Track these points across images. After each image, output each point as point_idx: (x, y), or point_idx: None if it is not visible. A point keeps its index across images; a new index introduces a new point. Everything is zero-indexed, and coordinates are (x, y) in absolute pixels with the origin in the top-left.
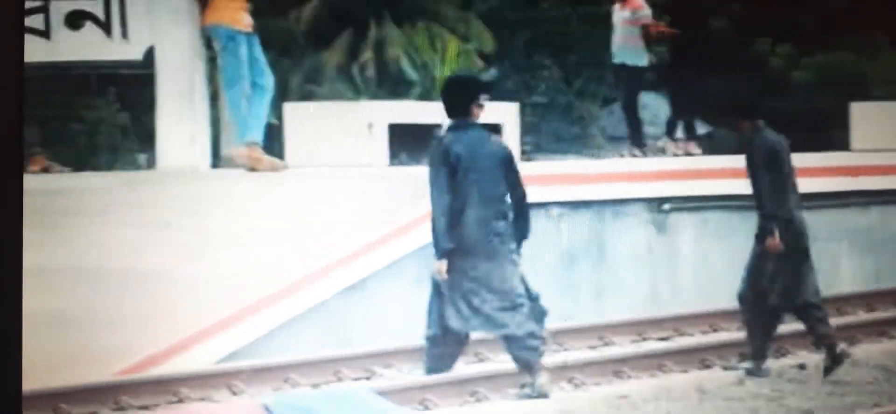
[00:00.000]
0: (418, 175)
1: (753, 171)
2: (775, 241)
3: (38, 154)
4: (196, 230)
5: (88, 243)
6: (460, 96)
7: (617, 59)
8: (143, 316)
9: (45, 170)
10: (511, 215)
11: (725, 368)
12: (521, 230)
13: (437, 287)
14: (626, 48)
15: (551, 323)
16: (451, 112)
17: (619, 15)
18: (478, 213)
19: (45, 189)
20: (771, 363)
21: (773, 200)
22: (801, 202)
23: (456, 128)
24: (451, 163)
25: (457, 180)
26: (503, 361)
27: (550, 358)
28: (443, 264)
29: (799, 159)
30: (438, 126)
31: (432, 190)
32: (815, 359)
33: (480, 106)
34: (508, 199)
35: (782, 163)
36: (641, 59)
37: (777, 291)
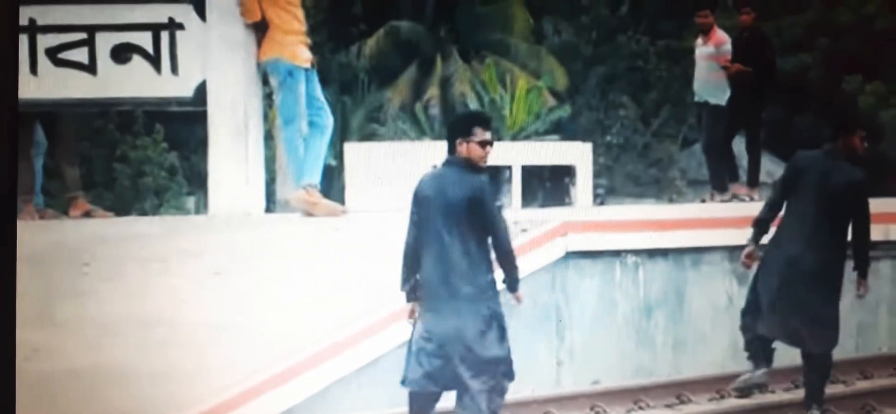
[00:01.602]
0: None
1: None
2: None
3: (79, 197)
4: (249, 279)
5: (136, 294)
6: (450, 132)
7: (698, 97)
8: (191, 370)
9: (87, 214)
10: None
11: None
12: (506, 279)
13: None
14: (708, 85)
15: (627, 379)
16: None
17: (702, 50)
18: (436, 257)
19: (87, 235)
20: None
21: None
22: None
23: (443, 165)
24: (419, 202)
25: (421, 221)
26: None
27: None
28: (408, 308)
29: (888, 205)
30: (507, 167)
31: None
32: None
33: (471, 142)
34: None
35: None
36: (724, 96)
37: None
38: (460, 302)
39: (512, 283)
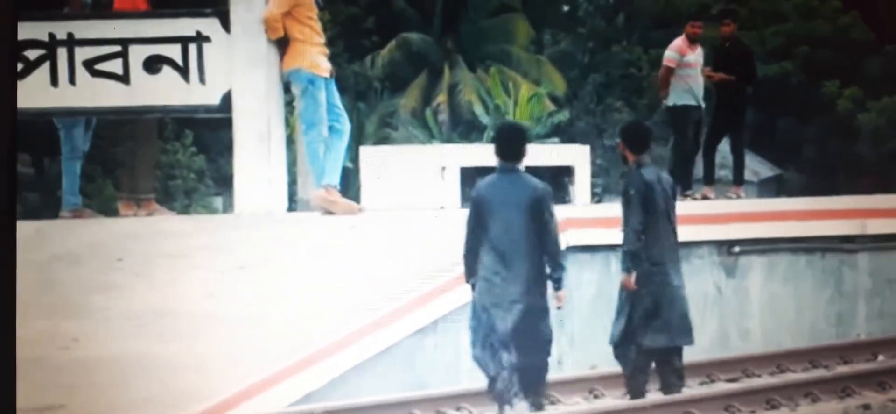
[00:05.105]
0: None
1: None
2: (629, 279)
3: (152, 199)
4: (272, 273)
5: (166, 287)
6: (510, 146)
7: (693, 102)
8: (218, 359)
9: (153, 213)
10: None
11: None
12: (553, 275)
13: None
14: (700, 90)
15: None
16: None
17: (697, 58)
18: (492, 254)
19: (121, 233)
20: (836, 404)
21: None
22: (677, 246)
23: (501, 172)
24: (480, 206)
25: (482, 222)
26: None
27: (625, 400)
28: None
29: (865, 201)
30: None
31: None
32: (880, 399)
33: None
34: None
35: (656, 203)
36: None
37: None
38: (524, 291)
39: (558, 280)
